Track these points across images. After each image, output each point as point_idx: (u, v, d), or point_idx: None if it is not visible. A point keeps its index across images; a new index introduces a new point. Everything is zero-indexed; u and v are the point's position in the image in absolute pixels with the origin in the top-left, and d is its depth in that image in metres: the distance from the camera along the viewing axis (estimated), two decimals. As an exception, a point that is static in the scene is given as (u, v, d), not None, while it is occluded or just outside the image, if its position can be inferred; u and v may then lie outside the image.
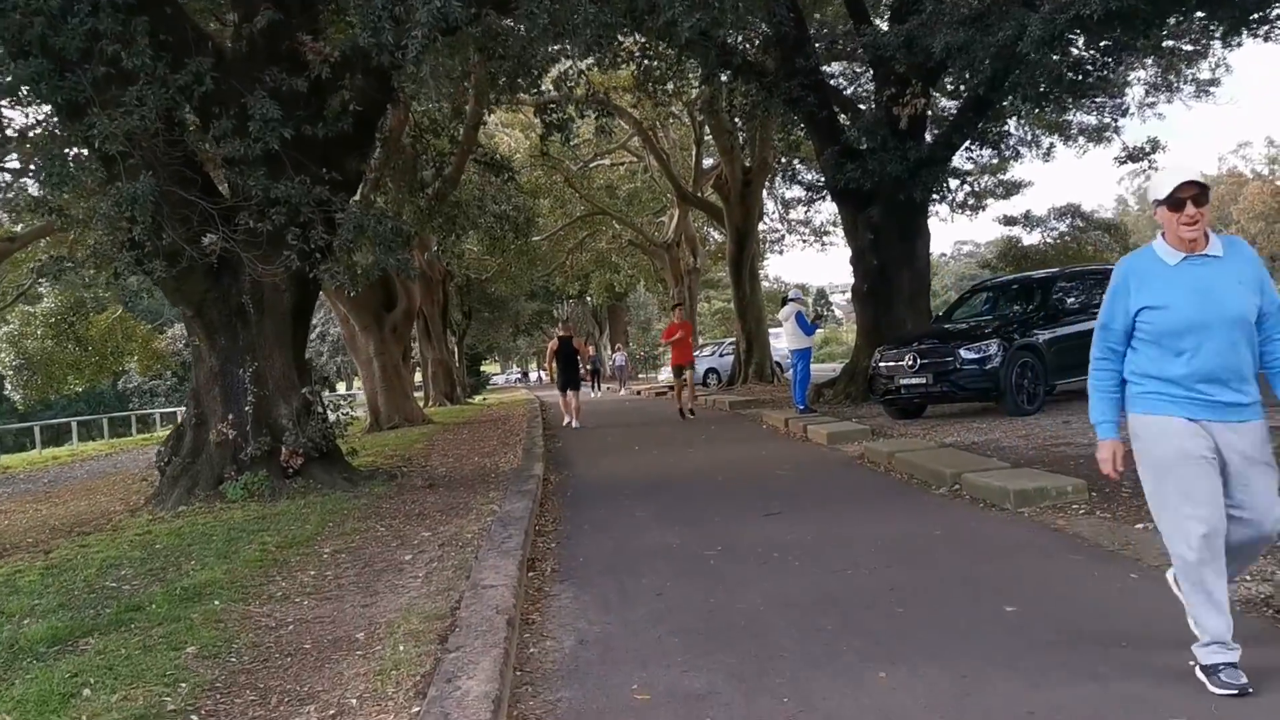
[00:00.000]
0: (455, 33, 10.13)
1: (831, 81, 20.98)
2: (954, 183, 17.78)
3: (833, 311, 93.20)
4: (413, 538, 7.36)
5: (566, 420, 18.22)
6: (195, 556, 6.96)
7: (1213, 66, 22.35)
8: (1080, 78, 14.78)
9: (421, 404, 31.10)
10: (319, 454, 10.57)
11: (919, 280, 16.54)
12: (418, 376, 40.84)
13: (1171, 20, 14.81)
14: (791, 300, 15.65)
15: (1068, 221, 38.89)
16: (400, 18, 9.07)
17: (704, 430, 14.91)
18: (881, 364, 13.19)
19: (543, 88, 13.63)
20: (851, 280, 17.73)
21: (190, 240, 9.43)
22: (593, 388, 33.72)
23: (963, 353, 12.21)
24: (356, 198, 14.14)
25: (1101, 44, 14.10)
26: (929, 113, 16.76)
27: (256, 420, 10.24)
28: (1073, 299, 13.42)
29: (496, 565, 5.80)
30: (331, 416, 11.32)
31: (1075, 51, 14.86)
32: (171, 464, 10.46)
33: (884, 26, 16.75)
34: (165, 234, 9.35)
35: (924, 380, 12.45)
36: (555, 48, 9.40)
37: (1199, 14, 15.45)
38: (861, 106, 18.07)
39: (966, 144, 16.17)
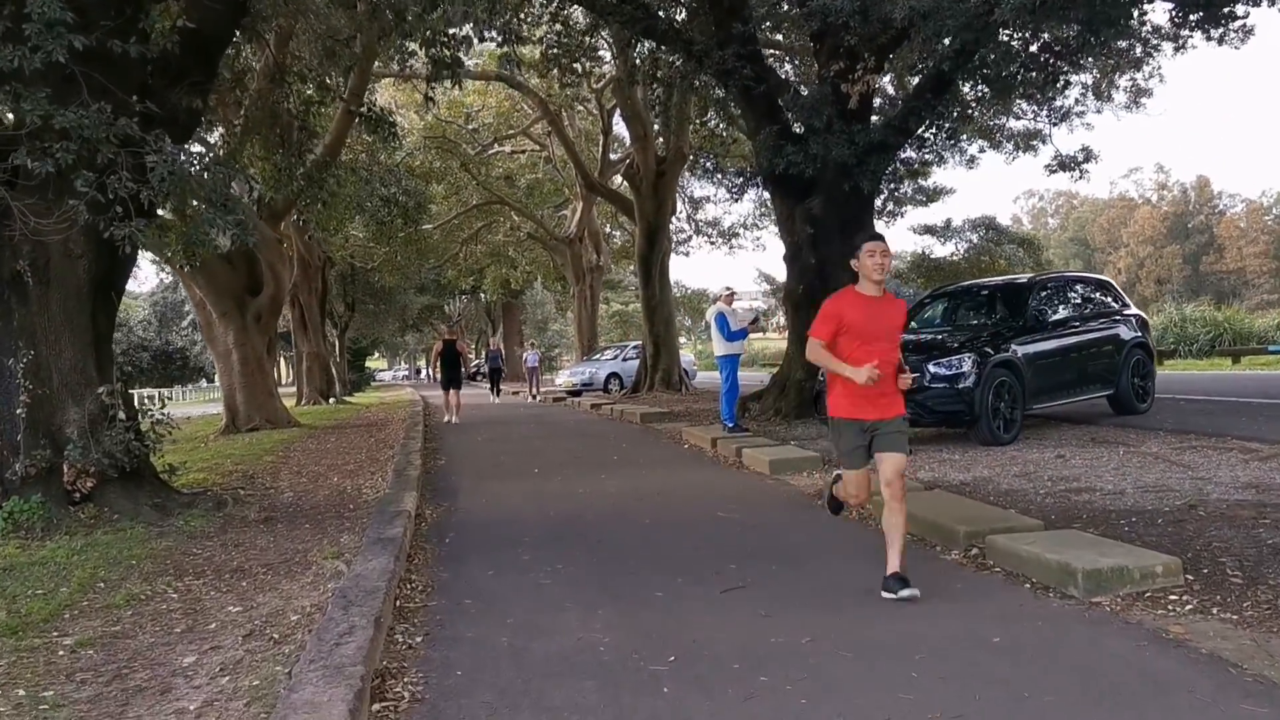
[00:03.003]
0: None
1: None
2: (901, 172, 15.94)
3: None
4: (212, 616, 4.98)
5: (447, 418, 19.46)
6: None
7: (1146, 76, 21.47)
8: (1051, 61, 13.14)
9: (294, 402, 28.23)
10: (120, 473, 8.02)
11: (862, 283, 14.58)
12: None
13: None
14: (717, 300, 13.55)
15: (981, 234, 37.97)
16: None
17: (615, 449, 12.68)
18: (831, 378, 11.13)
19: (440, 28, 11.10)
20: (784, 281, 15.73)
21: (-65, 181, 6.84)
22: (493, 392, 29.84)
23: (931, 368, 10.23)
24: (199, 149, 11.55)
25: (1073, 30, 12.41)
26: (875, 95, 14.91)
27: (32, 427, 7.66)
28: (1054, 309, 11.59)
29: (315, 702, 3.49)
30: (145, 423, 8.72)
31: (1044, 36, 13.27)
32: (-88, 484, 7.78)
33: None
34: (-104, 169, 6.74)
35: (883, 399, 10.42)
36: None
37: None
38: (803, 90, 16.05)
39: (923, 129, 14.26)
